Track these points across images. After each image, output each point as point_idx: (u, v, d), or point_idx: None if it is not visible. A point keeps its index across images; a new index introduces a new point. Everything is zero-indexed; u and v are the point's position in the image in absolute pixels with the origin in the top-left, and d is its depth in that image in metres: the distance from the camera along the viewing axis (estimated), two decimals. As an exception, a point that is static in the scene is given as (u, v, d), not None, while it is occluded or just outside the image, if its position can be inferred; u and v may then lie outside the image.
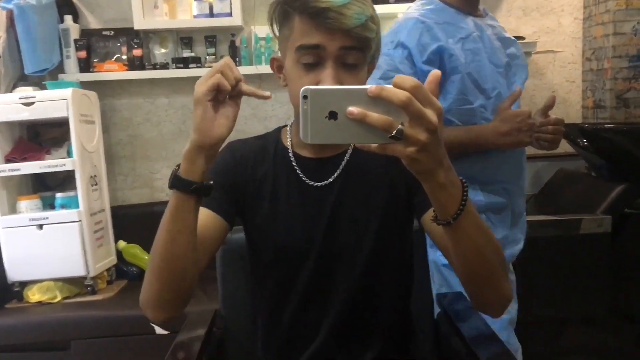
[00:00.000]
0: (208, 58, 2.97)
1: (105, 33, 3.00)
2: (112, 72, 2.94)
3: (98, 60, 2.97)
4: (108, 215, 2.82)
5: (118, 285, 2.74)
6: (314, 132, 0.74)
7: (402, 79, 0.71)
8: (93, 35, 3.00)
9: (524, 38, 3.05)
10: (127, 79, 2.99)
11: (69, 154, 2.61)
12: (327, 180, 1.14)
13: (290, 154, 1.16)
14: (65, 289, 2.55)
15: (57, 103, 2.49)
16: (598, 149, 2.64)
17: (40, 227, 2.49)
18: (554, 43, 3.23)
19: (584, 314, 2.42)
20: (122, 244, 2.85)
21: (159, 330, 2.33)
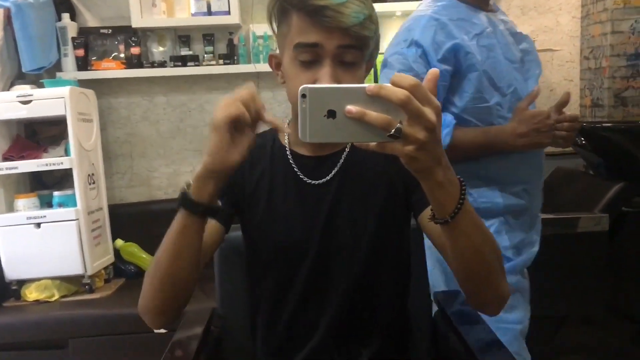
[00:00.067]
0: (206, 56, 2.97)
1: (103, 31, 3.00)
2: (109, 70, 2.93)
3: (96, 59, 2.97)
4: (106, 214, 2.82)
5: (116, 284, 2.74)
6: (313, 130, 0.73)
7: (400, 78, 0.71)
8: (91, 34, 2.99)
9: (522, 37, 3.05)
10: (125, 77, 2.99)
11: (67, 153, 2.61)
12: (324, 179, 1.13)
13: (288, 152, 1.16)
14: (63, 288, 2.55)
15: (54, 101, 2.49)
16: (596, 148, 2.65)
17: (38, 225, 2.49)
18: (552, 42, 3.23)
19: (582, 313, 2.42)
20: (119, 243, 2.85)
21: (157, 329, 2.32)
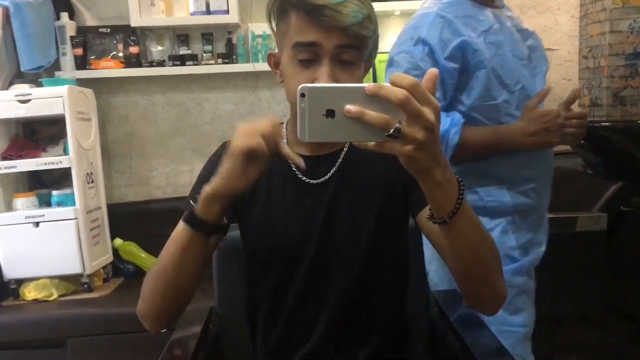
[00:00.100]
0: (205, 55, 2.97)
1: (102, 30, 2.99)
2: (108, 69, 2.93)
3: (94, 58, 2.96)
4: (104, 213, 2.81)
5: (114, 283, 2.74)
6: (312, 130, 0.73)
7: (399, 77, 0.71)
8: (89, 33, 2.99)
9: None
10: (123, 77, 2.98)
11: (65, 152, 2.60)
12: (323, 178, 1.13)
13: (286, 152, 1.16)
14: (62, 287, 2.55)
15: (53, 100, 2.49)
16: (594, 147, 2.64)
17: (37, 224, 2.49)
18: (551, 41, 3.23)
19: (580, 312, 2.43)
20: (118, 242, 2.84)
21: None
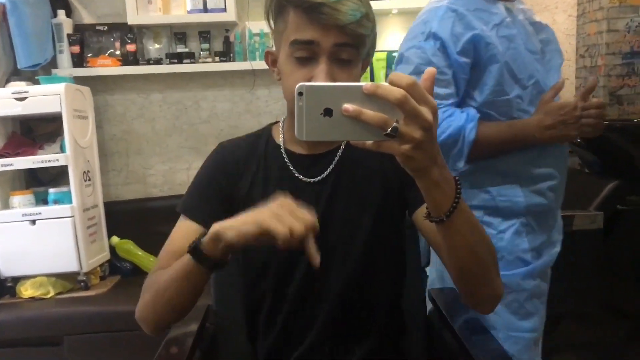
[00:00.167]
0: (202, 53, 2.96)
1: (99, 28, 2.98)
2: (105, 67, 2.92)
3: (91, 55, 2.95)
4: (101, 211, 2.81)
5: (111, 281, 2.73)
6: (309, 129, 0.73)
7: (397, 77, 0.71)
8: (86, 30, 2.98)
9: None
10: (120, 74, 2.98)
11: (62, 149, 2.59)
12: (320, 176, 1.13)
13: (283, 151, 1.16)
14: (58, 285, 2.55)
15: (50, 98, 2.48)
16: (591, 146, 2.65)
17: (33, 222, 2.49)
18: (548, 40, 3.23)
19: (577, 310, 2.43)
20: (115, 240, 2.84)
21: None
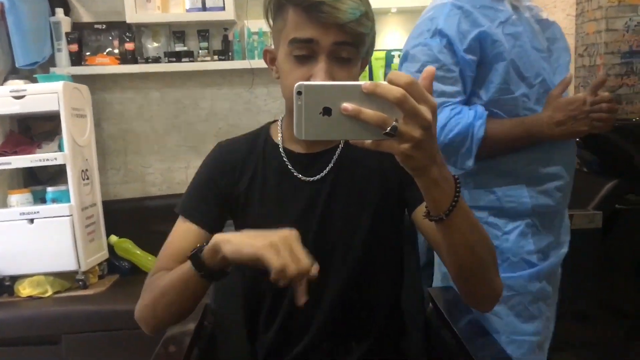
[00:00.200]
0: (201, 52, 2.96)
1: (97, 26, 2.97)
2: (104, 65, 2.91)
3: (90, 54, 2.95)
4: (99, 210, 2.80)
5: (109, 280, 2.73)
6: (308, 128, 0.73)
7: (396, 76, 0.71)
8: (85, 29, 2.97)
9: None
10: (119, 73, 2.97)
11: (60, 148, 2.59)
12: (319, 175, 1.13)
13: (281, 150, 1.16)
14: (57, 284, 2.54)
15: (48, 96, 2.47)
16: (590, 145, 2.65)
17: (31, 221, 2.48)
18: (547, 39, 3.23)
19: (576, 309, 2.43)
20: (113, 239, 2.84)
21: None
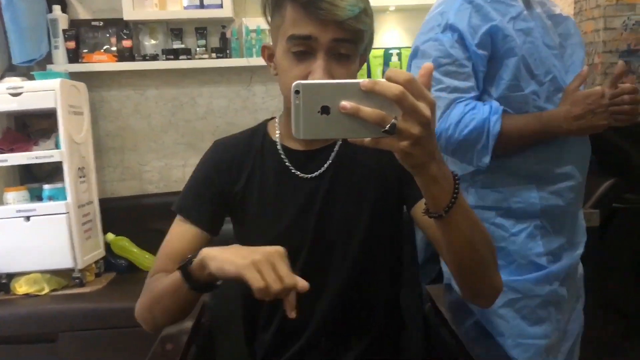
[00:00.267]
0: (198, 50, 2.95)
1: (95, 24, 2.97)
2: (101, 63, 2.91)
3: (87, 51, 2.94)
4: (96, 208, 2.80)
5: (106, 278, 2.72)
6: (306, 126, 0.73)
7: (395, 73, 0.70)
8: (82, 26, 2.96)
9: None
10: (116, 70, 2.96)
11: (57, 146, 2.58)
12: (317, 172, 1.13)
13: (279, 147, 1.16)
14: (53, 281, 2.53)
15: (45, 94, 2.46)
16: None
17: (28, 218, 2.47)
18: (545, 38, 3.23)
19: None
20: (110, 237, 2.83)
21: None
